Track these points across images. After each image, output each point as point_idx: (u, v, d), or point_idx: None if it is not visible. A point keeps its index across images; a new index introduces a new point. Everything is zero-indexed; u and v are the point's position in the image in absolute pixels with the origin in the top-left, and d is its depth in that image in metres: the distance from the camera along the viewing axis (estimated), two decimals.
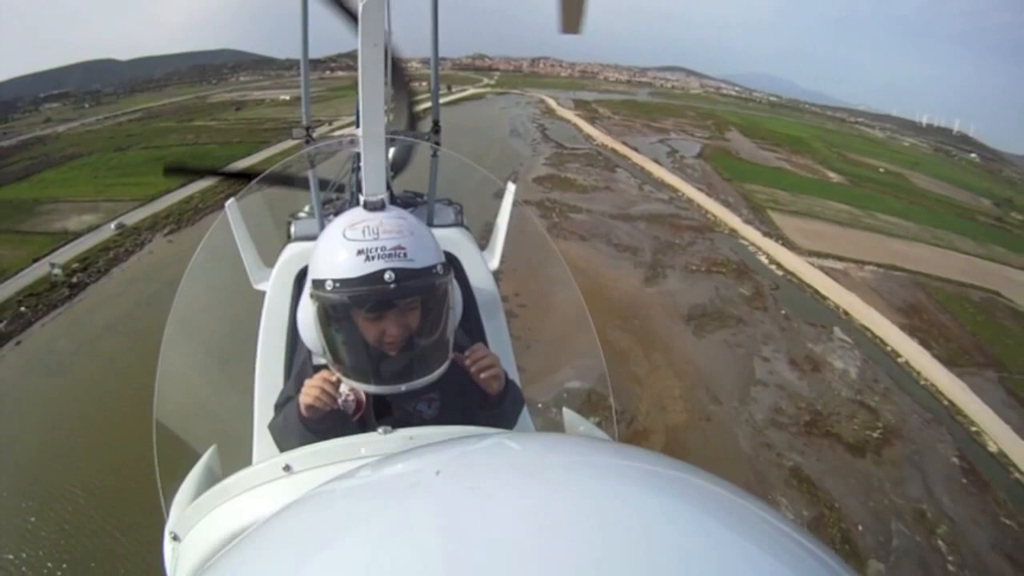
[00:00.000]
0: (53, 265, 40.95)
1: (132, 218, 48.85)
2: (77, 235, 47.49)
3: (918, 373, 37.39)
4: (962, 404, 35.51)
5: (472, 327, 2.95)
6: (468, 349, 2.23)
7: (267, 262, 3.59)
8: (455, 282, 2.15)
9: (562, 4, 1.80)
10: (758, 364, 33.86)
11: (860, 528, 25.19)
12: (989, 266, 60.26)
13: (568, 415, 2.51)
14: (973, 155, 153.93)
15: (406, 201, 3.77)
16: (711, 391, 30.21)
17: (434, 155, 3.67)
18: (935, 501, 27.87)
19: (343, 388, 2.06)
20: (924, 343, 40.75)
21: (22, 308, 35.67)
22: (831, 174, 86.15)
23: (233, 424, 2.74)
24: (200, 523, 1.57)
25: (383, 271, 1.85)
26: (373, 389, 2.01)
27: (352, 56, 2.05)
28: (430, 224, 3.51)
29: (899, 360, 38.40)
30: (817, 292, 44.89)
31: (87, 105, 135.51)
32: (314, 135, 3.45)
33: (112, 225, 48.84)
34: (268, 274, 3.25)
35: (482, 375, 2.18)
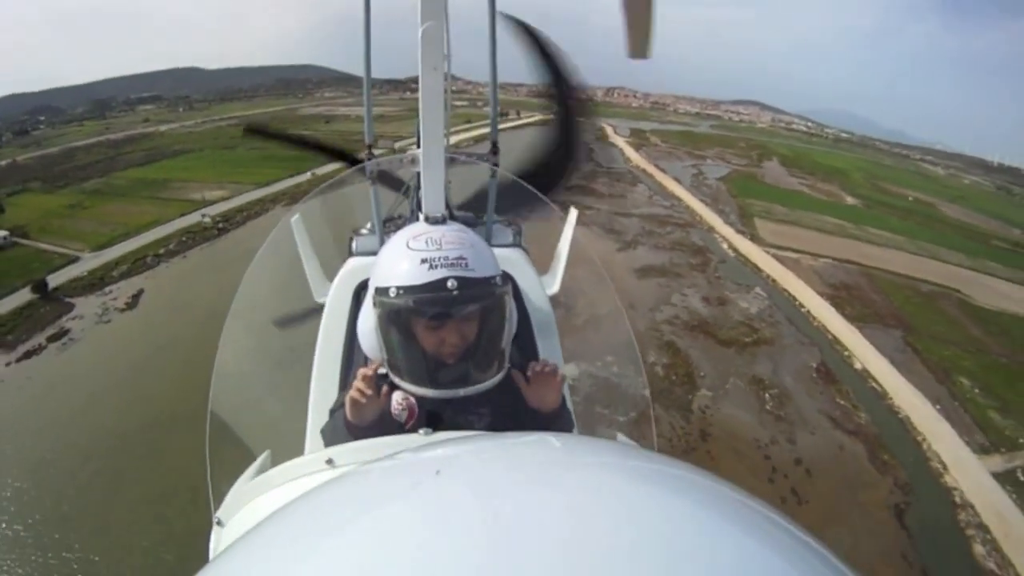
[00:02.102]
0: (204, 215, 63.48)
1: (255, 195, 70.03)
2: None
3: (815, 318, 49.03)
4: (844, 339, 46.11)
5: (526, 346, 2.90)
6: (533, 361, 2.22)
7: (327, 274, 3.76)
8: (511, 298, 2.16)
9: (629, 28, 1.84)
10: (676, 297, 48.36)
11: (702, 374, 39.22)
12: (964, 273, 65.89)
13: (621, 440, 2.49)
14: None
15: (465, 220, 3.74)
16: (631, 303, 44.68)
17: (493, 176, 3.83)
18: (777, 378, 39.96)
19: (396, 396, 2.07)
20: (837, 304, 51.34)
21: (183, 238, 58.48)
22: (849, 198, 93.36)
23: (287, 429, 2.80)
24: (243, 510, 1.66)
25: (446, 279, 1.89)
26: (430, 393, 2.00)
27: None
28: (488, 243, 3.16)
29: (802, 310, 50.41)
30: (757, 267, 57.15)
31: (181, 109, 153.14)
32: (376, 153, 3.64)
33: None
34: (328, 287, 3.34)
35: (542, 388, 2.16)
